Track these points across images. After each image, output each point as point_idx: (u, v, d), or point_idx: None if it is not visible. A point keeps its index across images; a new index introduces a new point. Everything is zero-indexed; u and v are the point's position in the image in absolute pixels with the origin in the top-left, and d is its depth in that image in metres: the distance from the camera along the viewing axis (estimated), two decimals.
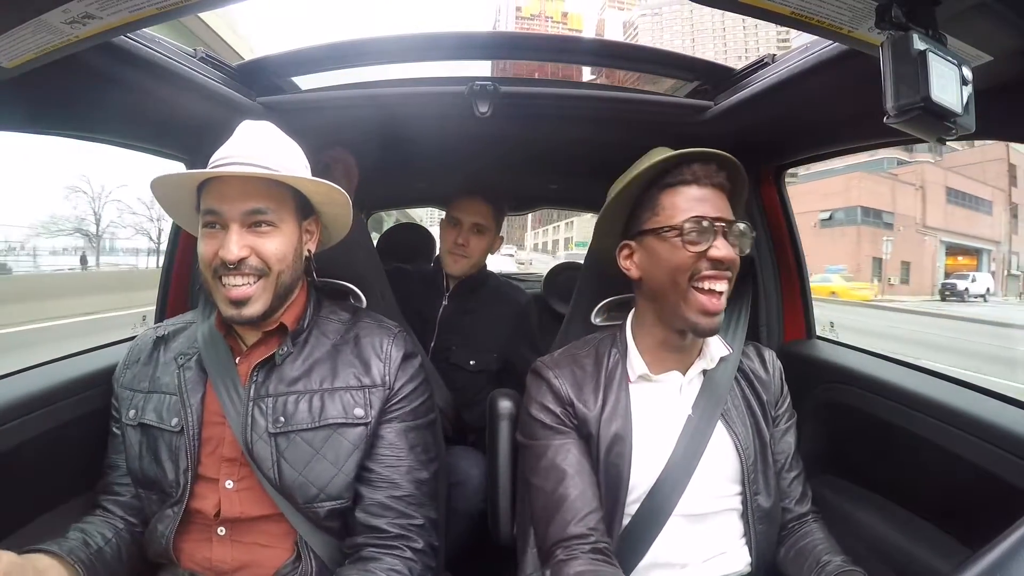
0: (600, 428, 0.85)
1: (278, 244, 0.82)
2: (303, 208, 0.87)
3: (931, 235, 27.16)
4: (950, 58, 0.50)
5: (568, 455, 0.84)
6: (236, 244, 0.78)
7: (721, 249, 0.79)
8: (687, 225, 0.81)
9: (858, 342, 1.30)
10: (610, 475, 0.84)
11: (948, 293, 22.07)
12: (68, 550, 0.78)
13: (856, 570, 0.79)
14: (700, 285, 0.80)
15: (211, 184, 0.81)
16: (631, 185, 0.87)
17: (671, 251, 0.82)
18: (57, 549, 0.77)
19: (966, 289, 21.46)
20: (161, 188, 0.85)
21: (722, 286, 0.81)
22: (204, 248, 0.81)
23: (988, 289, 22.09)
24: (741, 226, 0.83)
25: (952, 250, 28.26)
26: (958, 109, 0.50)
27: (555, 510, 0.82)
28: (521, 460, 0.97)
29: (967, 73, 0.51)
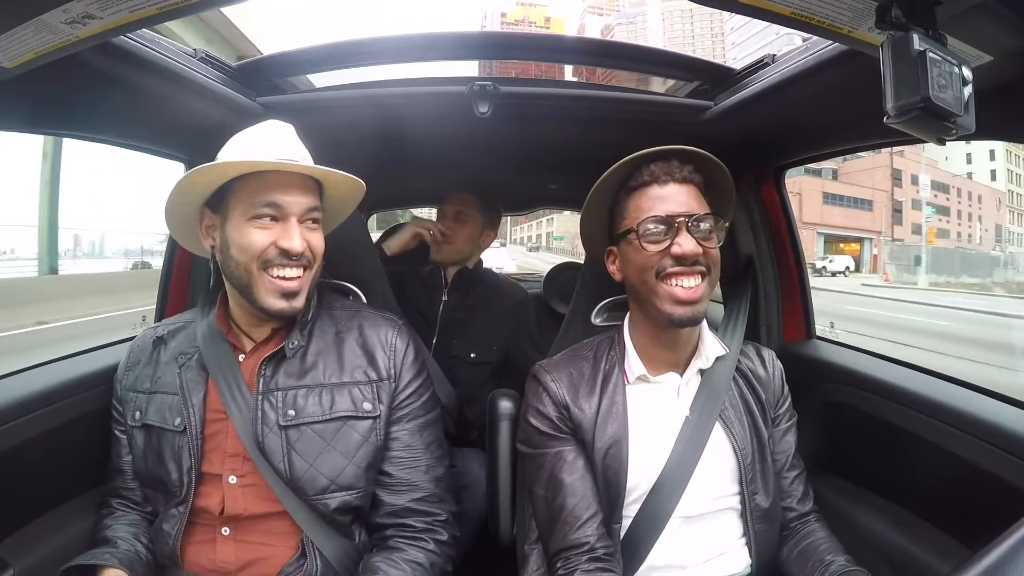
0: (596, 431, 0.85)
1: (321, 240, 0.86)
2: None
3: (808, 229, 36.30)
4: (950, 58, 0.49)
5: (565, 464, 0.85)
6: (300, 237, 0.81)
7: (683, 245, 0.80)
8: (641, 226, 0.82)
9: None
10: (607, 478, 0.84)
11: (810, 270, 30.67)
12: (128, 563, 0.81)
13: (859, 570, 0.79)
14: (668, 282, 0.81)
15: (264, 177, 0.81)
16: (595, 196, 0.90)
17: (635, 253, 0.84)
18: (118, 564, 0.80)
19: (824, 267, 29.79)
20: (198, 177, 0.80)
21: (691, 281, 0.81)
22: (257, 238, 0.80)
23: (848, 268, 30.62)
24: (706, 219, 0.82)
25: (838, 239, 37.83)
26: (958, 109, 0.50)
27: (555, 520, 0.83)
28: (521, 467, 0.97)
29: (967, 73, 0.51)
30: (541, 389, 0.89)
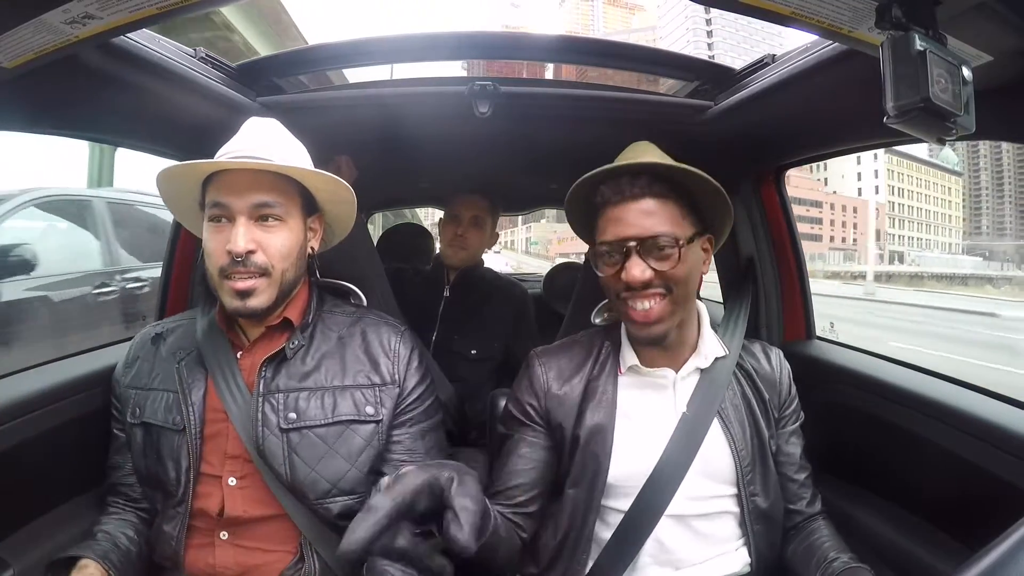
0: (577, 413, 0.86)
1: (284, 240, 0.82)
2: (308, 205, 0.88)
3: None
4: (950, 58, 0.49)
5: (524, 445, 0.88)
6: (243, 236, 0.78)
7: (630, 271, 0.78)
8: (596, 249, 0.83)
9: None
10: (587, 466, 0.84)
11: None
12: (103, 554, 0.80)
13: (862, 567, 0.79)
14: (625, 303, 0.81)
15: (219, 177, 0.81)
16: (570, 212, 0.93)
17: (599, 272, 0.85)
18: (93, 555, 0.79)
19: None
20: (167, 182, 0.84)
21: (645, 304, 0.79)
22: (211, 243, 0.80)
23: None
24: (659, 239, 0.77)
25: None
26: (958, 109, 0.50)
27: (492, 484, 0.86)
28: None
29: (967, 73, 0.51)
30: (527, 376, 0.92)
